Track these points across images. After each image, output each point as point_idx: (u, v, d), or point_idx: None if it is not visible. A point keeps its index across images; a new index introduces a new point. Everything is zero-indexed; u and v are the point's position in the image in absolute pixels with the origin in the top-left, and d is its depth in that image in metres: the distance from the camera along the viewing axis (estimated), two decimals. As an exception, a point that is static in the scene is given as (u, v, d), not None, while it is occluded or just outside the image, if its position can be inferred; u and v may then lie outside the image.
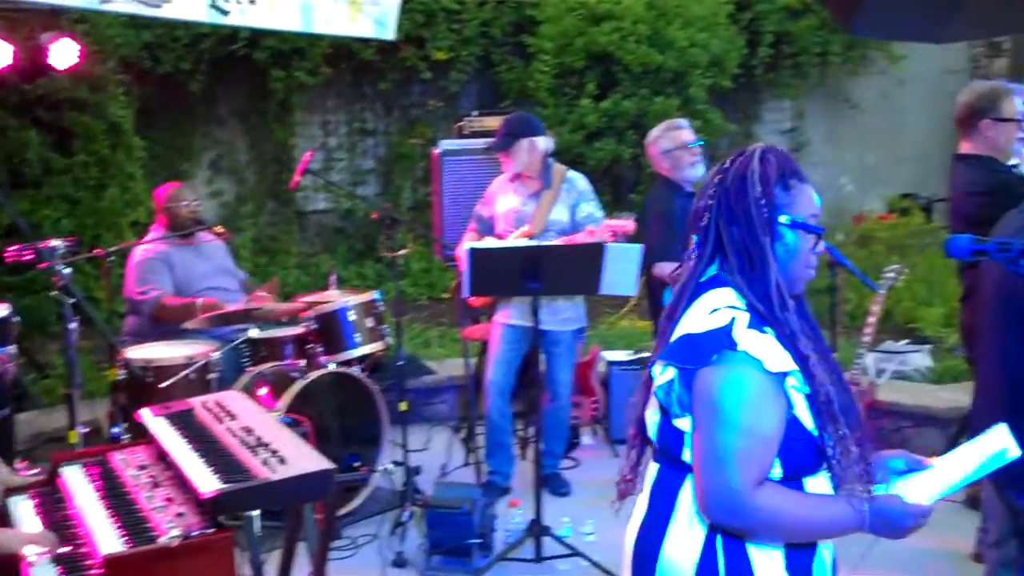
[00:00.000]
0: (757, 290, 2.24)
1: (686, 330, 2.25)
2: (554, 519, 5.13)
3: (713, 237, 2.31)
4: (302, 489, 3.09)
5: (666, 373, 2.25)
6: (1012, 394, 3.27)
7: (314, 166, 9.18)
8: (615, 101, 9.29)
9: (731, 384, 2.14)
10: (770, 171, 2.28)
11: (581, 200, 5.68)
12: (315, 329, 5.52)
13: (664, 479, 2.33)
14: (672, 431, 2.27)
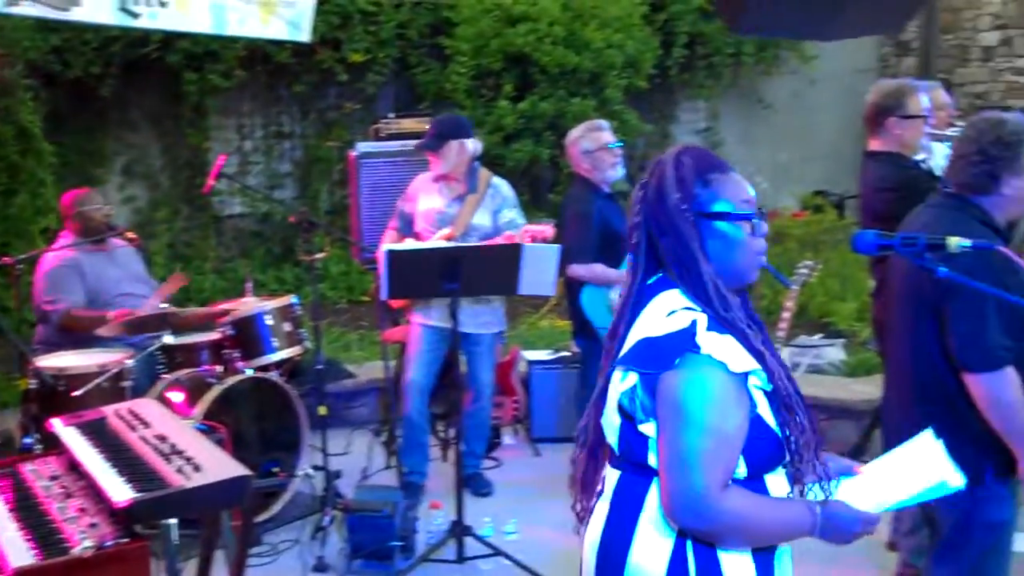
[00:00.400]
0: (698, 294, 2.25)
1: (644, 333, 2.25)
2: (476, 519, 5.13)
3: (645, 251, 2.33)
4: (218, 496, 3.07)
5: (628, 379, 2.25)
6: (921, 386, 3.34)
7: (229, 170, 9.07)
8: (532, 102, 9.32)
9: (696, 387, 2.15)
10: (685, 172, 2.29)
11: (504, 206, 5.71)
12: (232, 335, 5.46)
13: (627, 485, 2.31)
14: (636, 436, 2.26)
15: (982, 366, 3.11)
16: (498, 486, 5.80)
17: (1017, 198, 3.29)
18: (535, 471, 6.22)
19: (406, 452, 5.75)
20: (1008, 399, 3.10)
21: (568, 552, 5.08)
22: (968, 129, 3.30)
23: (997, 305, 3.07)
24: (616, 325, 2.36)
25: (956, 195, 3.31)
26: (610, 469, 2.37)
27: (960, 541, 3.31)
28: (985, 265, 2.98)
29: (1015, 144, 3.21)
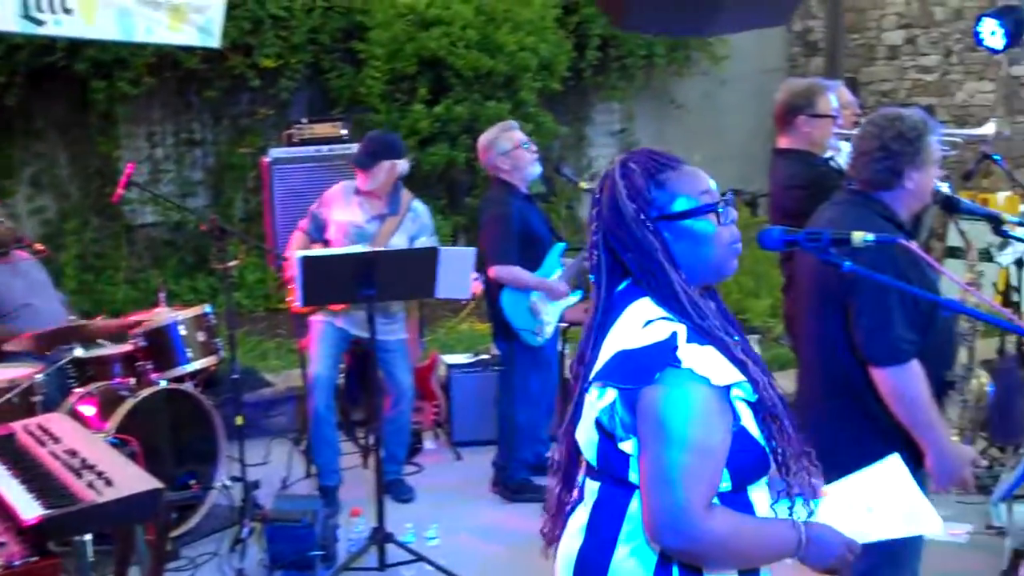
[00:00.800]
0: (671, 306, 2.18)
1: (620, 346, 2.16)
2: (397, 526, 5.12)
3: (608, 268, 2.26)
4: (130, 510, 3.03)
5: (606, 396, 2.16)
6: (830, 381, 3.39)
7: (140, 178, 8.94)
8: (447, 106, 9.31)
9: (678, 403, 2.07)
10: (636, 179, 2.23)
11: (423, 233, 5.73)
12: (144, 346, 5.37)
13: (608, 497, 2.22)
14: (615, 453, 2.17)
15: (887, 360, 3.16)
16: (419, 491, 5.79)
17: (918, 192, 3.36)
18: (456, 475, 6.21)
19: (316, 449, 5.71)
20: (913, 392, 3.16)
21: (489, 556, 5.12)
22: (868, 126, 3.37)
23: (901, 299, 3.13)
24: (583, 349, 2.28)
25: (859, 191, 3.38)
26: (589, 480, 2.28)
27: None
28: (888, 259, 3.05)
29: (916, 139, 3.28)
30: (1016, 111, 9.96)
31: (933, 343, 3.25)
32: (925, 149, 3.30)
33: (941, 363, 3.37)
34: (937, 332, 3.27)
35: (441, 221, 9.28)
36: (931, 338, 3.23)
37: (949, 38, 10.75)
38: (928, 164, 3.33)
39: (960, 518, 5.25)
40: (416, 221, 5.71)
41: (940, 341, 3.32)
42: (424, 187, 9.52)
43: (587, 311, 2.32)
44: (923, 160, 3.30)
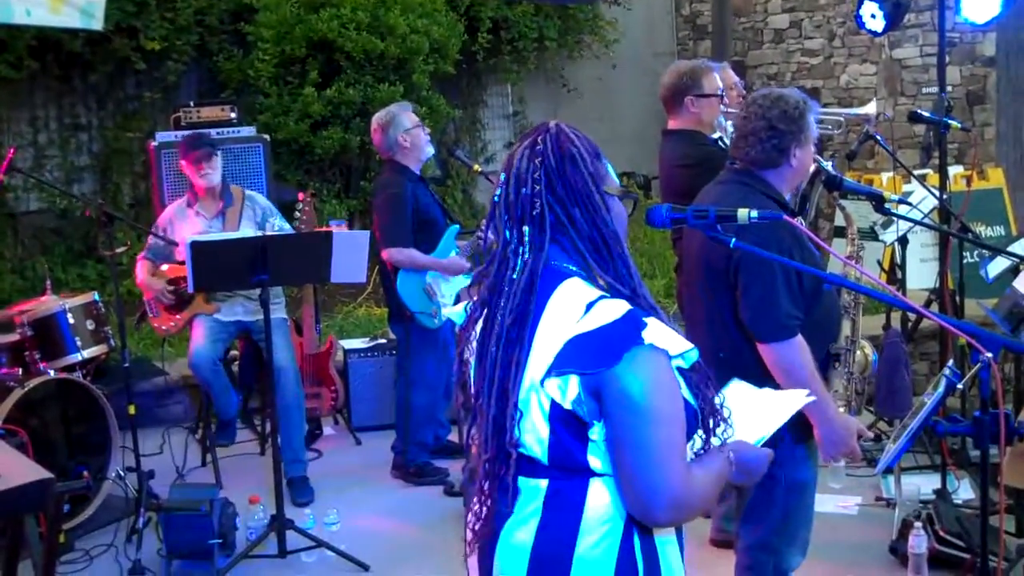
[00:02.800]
0: (611, 271, 2.16)
1: (570, 332, 2.08)
2: (296, 512, 5.09)
3: (551, 224, 2.16)
4: (19, 501, 2.96)
5: (570, 385, 2.07)
6: (718, 358, 3.44)
7: (24, 164, 8.69)
8: (339, 89, 9.21)
9: (649, 380, 2.05)
10: (588, 143, 2.21)
11: (268, 216, 5.80)
12: (31, 335, 5.25)
13: (559, 493, 2.15)
14: (575, 444, 2.11)
15: (773, 335, 3.23)
16: (319, 477, 5.73)
17: (800, 169, 3.47)
18: (356, 460, 6.19)
19: (212, 395, 5.83)
20: (798, 367, 3.23)
21: (390, 537, 5.11)
22: (752, 107, 3.44)
23: (785, 276, 3.21)
24: (515, 325, 2.14)
25: (743, 170, 3.45)
26: (524, 480, 2.18)
27: (765, 503, 3.45)
28: (773, 237, 3.13)
29: (799, 118, 3.38)
30: (897, 93, 10.24)
31: (817, 318, 3.34)
32: (807, 127, 3.40)
33: (826, 337, 3.47)
34: (821, 307, 3.36)
35: (336, 205, 9.21)
36: (815, 313, 3.32)
37: (832, 22, 10.99)
38: (808, 141, 3.44)
39: (850, 490, 5.42)
40: (256, 208, 5.81)
41: (824, 315, 3.41)
42: (318, 171, 9.45)
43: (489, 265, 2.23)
44: (805, 138, 3.41)
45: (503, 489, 2.18)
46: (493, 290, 2.20)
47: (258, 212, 5.72)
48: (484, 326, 2.22)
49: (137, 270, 5.88)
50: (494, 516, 2.21)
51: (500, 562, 2.21)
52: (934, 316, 2.73)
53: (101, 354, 5.50)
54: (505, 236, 2.20)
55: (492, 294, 2.20)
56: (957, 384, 3.58)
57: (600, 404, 2.07)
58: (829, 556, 4.59)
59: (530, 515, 2.17)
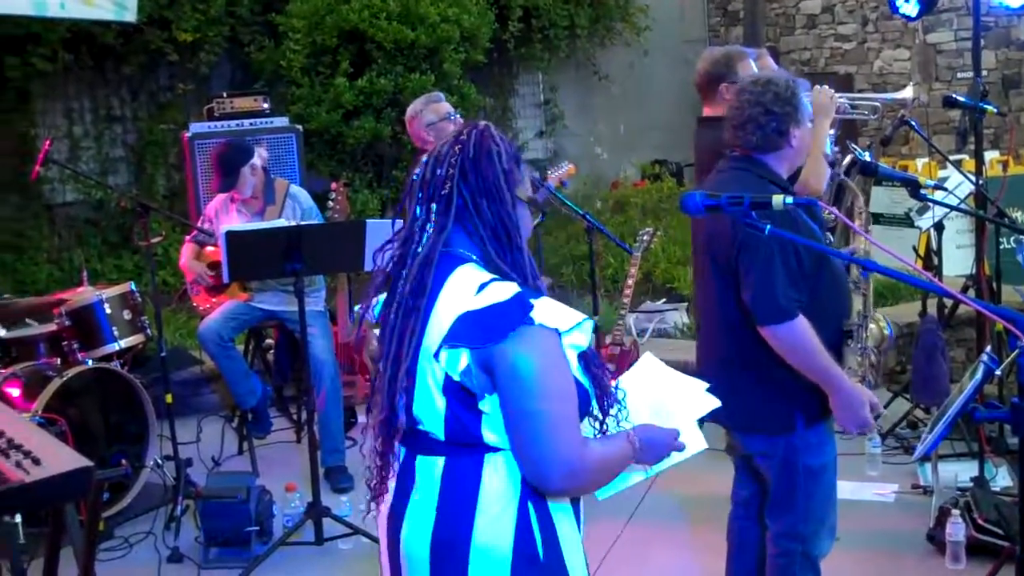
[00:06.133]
0: (507, 259, 2.27)
1: (460, 309, 2.20)
2: (333, 499, 5.12)
3: (457, 206, 2.27)
4: (60, 489, 2.96)
5: (461, 358, 2.17)
6: (725, 344, 3.46)
7: (60, 156, 8.77)
8: (370, 79, 9.22)
9: (536, 355, 2.15)
10: (510, 149, 2.33)
11: (308, 216, 5.77)
12: (69, 325, 5.29)
13: (456, 470, 2.25)
14: (469, 415, 2.21)
15: (773, 318, 3.23)
16: (354, 465, 5.74)
17: (801, 148, 3.47)
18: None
19: (230, 382, 5.84)
20: (804, 344, 3.23)
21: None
22: (744, 95, 3.43)
23: (783, 258, 3.21)
24: (412, 294, 2.25)
25: (743, 156, 3.44)
26: (423, 459, 2.29)
27: (787, 491, 3.45)
28: (786, 220, 3.10)
29: (791, 98, 3.38)
30: (932, 78, 10.15)
31: (824, 297, 3.33)
32: (800, 106, 3.40)
33: (836, 315, 3.47)
34: (826, 286, 3.35)
35: (368, 195, 9.23)
36: (821, 293, 3.31)
37: (866, 6, 10.91)
38: (804, 120, 3.43)
39: (887, 478, 5.38)
40: (297, 207, 5.78)
41: (831, 294, 3.40)
42: (350, 161, 9.47)
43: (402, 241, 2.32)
44: (801, 116, 3.40)
45: (386, 457, 2.32)
46: (398, 262, 2.31)
47: (298, 213, 5.71)
48: (388, 297, 2.34)
49: (182, 251, 5.93)
50: (395, 494, 2.32)
51: (405, 544, 2.30)
52: (971, 301, 2.72)
53: (138, 344, 5.54)
54: (415, 212, 2.31)
55: (396, 266, 2.31)
56: (995, 370, 3.56)
57: (492, 379, 2.17)
58: (866, 544, 4.58)
59: (428, 496, 2.27)
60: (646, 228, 6.19)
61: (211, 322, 5.72)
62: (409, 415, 2.27)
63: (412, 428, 2.29)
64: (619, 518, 3.05)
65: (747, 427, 3.51)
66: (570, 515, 2.32)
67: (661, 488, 2.68)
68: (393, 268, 2.32)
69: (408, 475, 2.31)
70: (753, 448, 3.54)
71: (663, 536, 4.76)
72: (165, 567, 4.66)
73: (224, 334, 5.73)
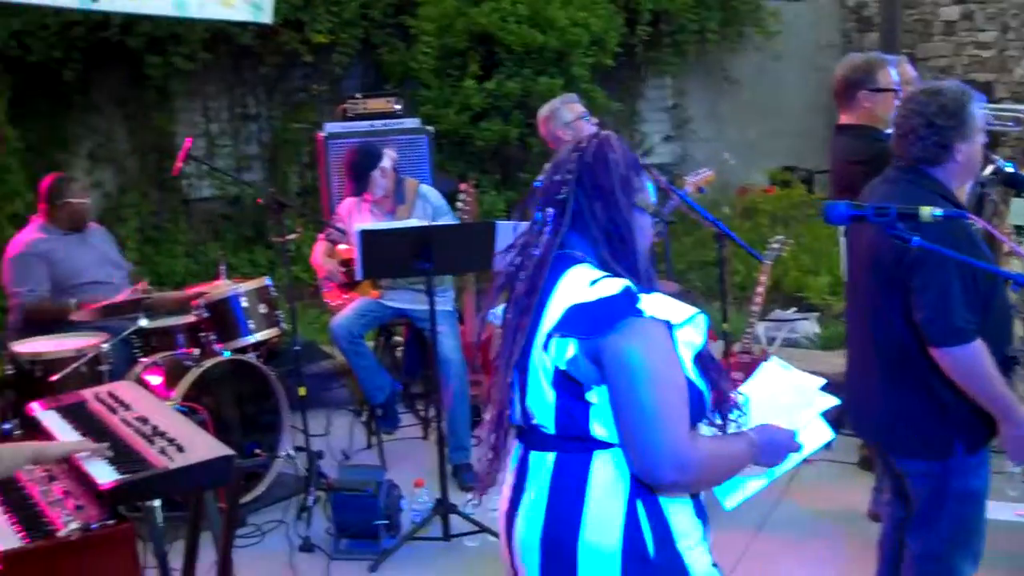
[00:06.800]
0: (622, 263, 2.31)
1: (571, 301, 2.24)
2: (460, 497, 5.15)
3: (572, 211, 2.34)
4: (202, 476, 3.06)
5: (568, 348, 2.22)
6: (888, 362, 3.33)
7: (197, 153, 9.01)
8: (499, 82, 9.29)
9: (646, 345, 2.16)
10: (630, 157, 2.38)
11: (438, 215, 5.84)
12: (207, 317, 5.43)
13: (566, 466, 2.28)
14: (577, 406, 2.24)
15: (948, 340, 3.09)
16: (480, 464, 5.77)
17: (968, 164, 3.29)
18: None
19: (361, 380, 5.93)
20: (980, 369, 3.09)
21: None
22: (908, 104, 3.29)
23: (961, 278, 3.07)
24: (527, 294, 2.32)
25: (909, 167, 3.30)
26: (536, 455, 2.34)
27: (933, 513, 3.33)
28: (950, 236, 2.99)
29: (959, 111, 3.20)
30: (1076, 86, 9.80)
31: (992, 320, 3.19)
32: (969, 120, 3.22)
33: (1001, 339, 3.31)
34: (994, 310, 3.21)
35: (495, 197, 9.28)
36: (990, 315, 3.18)
37: (1006, 13, 10.56)
38: (974, 134, 3.24)
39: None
40: (427, 205, 5.86)
41: (998, 318, 3.26)
42: (477, 163, 9.53)
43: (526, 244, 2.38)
44: (968, 131, 3.22)
45: (497, 451, 2.40)
46: (518, 265, 2.38)
47: (428, 211, 5.79)
48: (508, 297, 2.41)
49: (315, 248, 6.07)
50: (511, 490, 2.39)
51: (518, 541, 2.36)
52: None
53: (272, 337, 5.65)
54: (536, 215, 2.40)
55: (516, 268, 2.38)
56: None
57: (601, 370, 2.20)
58: (1005, 566, 4.42)
59: (540, 492, 2.31)
60: (777, 236, 6.10)
61: (342, 319, 5.82)
62: (524, 410, 2.33)
63: (527, 423, 2.34)
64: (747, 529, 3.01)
65: (904, 449, 3.38)
66: (689, 513, 2.30)
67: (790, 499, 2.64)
68: (513, 270, 2.38)
69: (522, 471, 2.37)
70: (908, 469, 3.41)
71: (794, 549, 4.64)
72: (297, 556, 4.75)
73: (355, 331, 5.83)
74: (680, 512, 2.28)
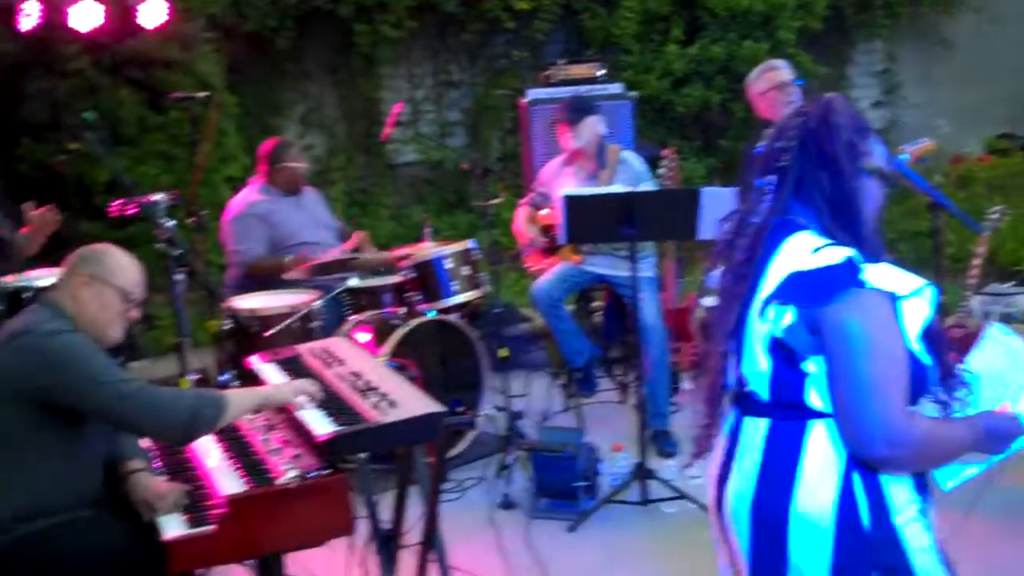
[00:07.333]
0: (850, 233, 2.23)
1: (791, 268, 2.19)
2: (658, 463, 5.14)
3: (795, 179, 2.27)
4: (413, 431, 3.13)
5: (785, 315, 2.18)
6: None
7: (401, 119, 9.21)
8: (703, 46, 9.16)
9: (868, 316, 2.11)
10: (857, 120, 2.30)
11: (640, 181, 5.74)
12: (413, 277, 5.56)
13: (780, 433, 2.25)
14: (793, 375, 2.21)
15: None
16: (678, 431, 5.74)
17: None
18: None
19: (560, 343, 5.99)
20: None
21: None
22: None
23: None
24: (745, 261, 2.28)
25: None
26: (749, 421, 2.31)
27: None
28: None
29: None
30: None
31: None
32: None
33: None
34: None
35: (695, 163, 9.18)
36: None
37: None
38: None
39: None
40: (629, 171, 5.79)
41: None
42: (678, 129, 9.44)
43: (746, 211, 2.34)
44: None
45: (711, 418, 2.39)
46: (735, 234, 2.34)
47: (630, 177, 5.75)
48: (725, 267, 2.37)
49: (516, 214, 6.12)
50: (723, 456, 2.37)
51: (729, 509, 2.34)
52: None
53: (475, 299, 5.74)
54: (756, 184, 2.33)
55: (735, 235, 2.34)
56: None
57: (819, 340, 2.15)
58: None
59: (752, 460, 2.28)
60: (996, 206, 5.83)
61: (543, 283, 5.87)
62: (738, 376, 2.32)
63: (741, 390, 2.33)
64: (956, 510, 2.88)
65: None
66: (908, 487, 2.23)
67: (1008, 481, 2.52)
68: (732, 237, 2.34)
69: (735, 437, 2.35)
70: None
71: (1009, 535, 4.44)
72: (497, 513, 4.81)
73: (555, 295, 5.87)
74: (898, 486, 2.21)
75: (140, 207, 4.58)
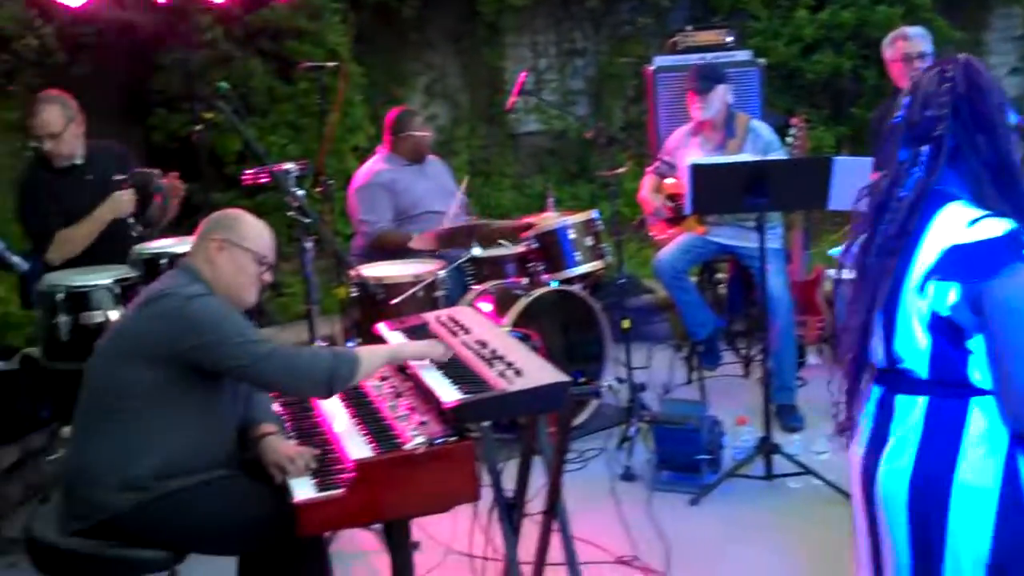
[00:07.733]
0: (1011, 200, 2.16)
1: (949, 242, 2.14)
2: (783, 437, 5.07)
3: (950, 148, 2.20)
4: (538, 400, 3.13)
5: (951, 294, 2.12)
6: None
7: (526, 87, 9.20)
8: (833, 12, 8.93)
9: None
10: (994, 80, 2.25)
11: (770, 149, 5.67)
12: (536, 248, 5.57)
13: (940, 411, 2.21)
14: (955, 353, 2.16)
15: None
16: (804, 405, 5.65)
17: None
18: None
19: (684, 315, 5.92)
20: None
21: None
22: None
23: None
24: (896, 235, 2.21)
25: None
26: (903, 398, 2.27)
27: None
28: None
29: None
30: None
31: None
32: None
33: None
34: None
35: (824, 132, 8.97)
36: None
37: None
38: None
39: None
40: (758, 140, 5.70)
41: None
42: (806, 96, 9.24)
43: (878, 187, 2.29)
44: None
45: (853, 395, 2.33)
46: (880, 207, 2.28)
47: (759, 146, 5.66)
48: (865, 241, 2.31)
49: (642, 183, 6.07)
50: (871, 433, 2.32)
51: (882, 485, 2.29)
52: None
53: (598, 269, 5.72)
54: (901, 155, 2.26)
55: (878, 211, 2.28)
56: None
57: (980, 316, 2.10)
58: None
59: (909, 436, 2.24)
60: None
61: (667, 254, 5.81)
62: (889, 354, 2.25)
63: (891, 367, 2.26)
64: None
65: None
66: None
67: None
68: (875, 210, 2.29)
69: (886, 414, 2.30)
70: None
71: None
72: (619, 484, 4.80)
73: (679, 266, 5.81)
74: None
75: (272, 176, 4.65)
